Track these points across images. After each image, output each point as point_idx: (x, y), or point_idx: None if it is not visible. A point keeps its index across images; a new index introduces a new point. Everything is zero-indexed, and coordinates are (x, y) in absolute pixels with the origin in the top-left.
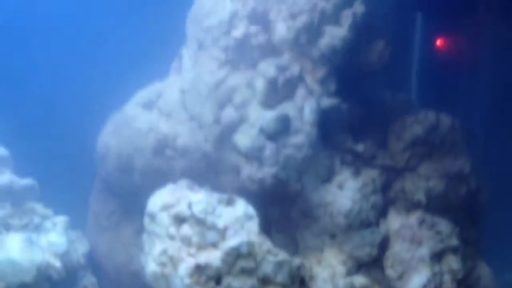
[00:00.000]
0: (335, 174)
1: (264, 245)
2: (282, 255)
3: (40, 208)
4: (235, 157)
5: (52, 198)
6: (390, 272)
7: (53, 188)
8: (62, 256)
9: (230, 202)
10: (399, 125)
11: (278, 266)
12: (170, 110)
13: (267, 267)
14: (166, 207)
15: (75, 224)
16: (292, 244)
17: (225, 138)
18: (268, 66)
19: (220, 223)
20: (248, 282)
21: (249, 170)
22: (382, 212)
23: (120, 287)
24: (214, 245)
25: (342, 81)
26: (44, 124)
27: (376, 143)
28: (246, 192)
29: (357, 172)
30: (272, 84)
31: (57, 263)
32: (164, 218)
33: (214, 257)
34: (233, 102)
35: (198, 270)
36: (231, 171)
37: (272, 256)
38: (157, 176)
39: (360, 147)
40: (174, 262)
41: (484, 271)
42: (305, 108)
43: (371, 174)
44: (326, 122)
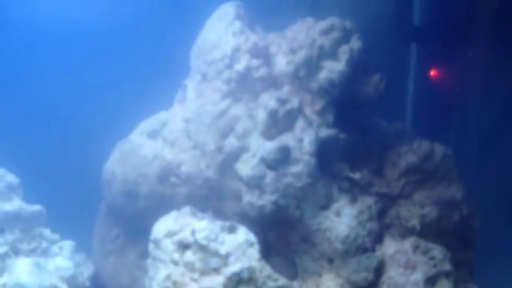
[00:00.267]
0: (333, 201)
1: (264, 270)
2: (282, 281)
3: (47, 233)
4: (237, 184)
5: (58, 222)
6: None
7: (59, 212)
8: (69, 279)
9: (232, 229)
10: (395, 153)
11: None
12: (174, 139)
13: None
14: (170, 234)
15: (80, 247)
16: (291, 267)
17: (227, 166)
18: (269, 99)
19: (222, 250)
20: None
21: (250, 197)
22: (378, 238)
23: None
24: (217, 270)
25: (340, 112)
26: (52, 152)
27: (372, 171)
28: (247, 217)
29: (354, 199)
30: (272, 115)
31: (64, 287)
32: (168, 245)
33: (216, 282)
34: (235, 132)
35: None
36: (233, 197)
37: (272, 281)
38: (161, 201)
39: (357, 175)
40: (177, 286)
41: None
42: (304, 139)
43: (368, 201)
44: (324, 152)
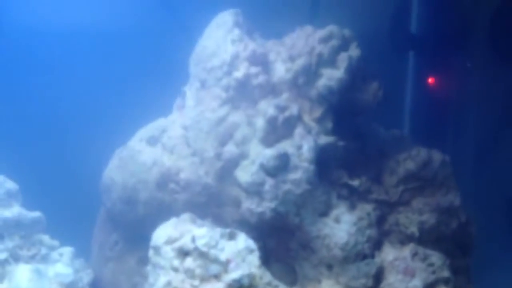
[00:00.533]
0: (332, 208)
1: (264, 277)
2: (282, 287)
3: (47, 239)
4: (236, 190)
5: (57, 228)
6: None
7: (58, 218)
8: (68, 285)
9: (232, 236)
10: (393, 160)
11: None
12: (173, 146)
13: None
14: (170, 241)
15: (79, 253)
16: (290, 274)
17: (226, 172)
18: (267, 106)
19: (222, 256)
20: None
21: (249, 204)
22: (377, 244)
23: None
24: (217, 277)
25: (338, 119)
26: (50, 159)
27: (370, 178)
28: (246, 223)
29: (353, 206)
30: (271, 123)
31: None
32: (168, 251)
33: None
34: (234, 139)
35: None
36: (232, 204)
37: None
38: (160, 208)
39: (355, 182)
40: None
41: None
42: (303, 146)
43: (367, 208)
44: (323, 159)
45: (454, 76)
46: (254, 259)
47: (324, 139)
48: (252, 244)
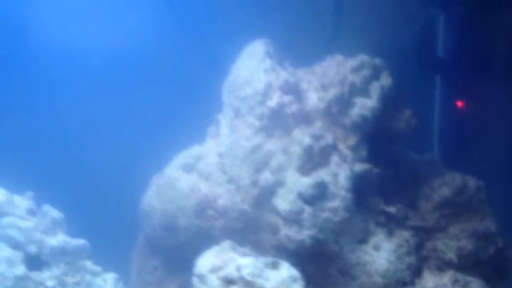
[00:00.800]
0: (370, 235)
1: None
2: None
3: (90, 265)
4: (273, 217)
5: (96, 253)
6: None
7: (97, 244)
8: None
9: (275, 265)
10: (427, 186)
11: None
12: (209, 173)
13: None
14: (214, 270)
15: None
16: None
17: (262, 199)
18: (303, 135)
19: (268, 285)
20: None
21: (287, 231)
22: (416, 271)
23: None
24: None
25: (372, 146)
26: (91, 188)
27: (406, 204)
28: (284, 250)
29: (391, 233)
30: (307, 151)
31: None
32: (213, 280)
33: None
34: (269, 166)
35: None
36: (269, 230)
37: None
38: (199, 233)
39: (392, 209)
40: None
41: None
42: (339, 174)
43: (405, 235)
44: (359, 186)
45: (483, 99)
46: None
47: (359, 167)
48: (295, 272)
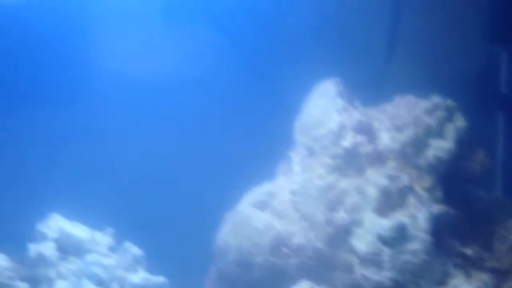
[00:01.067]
0: (449, 277)
1: None
2: None
3: None
4: (348, 256)
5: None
6: None
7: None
8: None
9: None
10: (501, 227)
11: None
12: (283, 210)
13: None
14: None
15: None
16: None
17: (336, 238)
18: (379, 175)
19: None
20: None
21: (364, 271)
22: None
23: None
24: None
25: (447, 187)
26: (165, 224)
27: (480, 246)
28: None
29: (468, 275)
30: (384, 192)
31: None
32: None
33: None
34: (344, 205)
35: None
36: (343, 269)
37: None
38: (273, 270)
39: (469, 251)
40: None
41: None
42: (418, 216)
43: (483, 277)
44: (437, 228)
45: None
46: None
47: (436, 208)
48: None
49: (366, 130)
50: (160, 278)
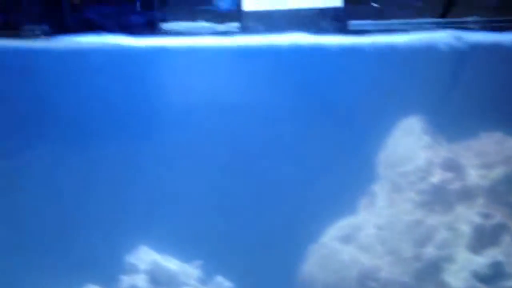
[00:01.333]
0: None
1: None
2: None
3: None
4: None
5: None
6: None
7: None
8: None
9: None
10: None
11: None
12: (368, 244)
13: None
14: None
15: None
16: None
17: (425, 273)
18: (470, 212)
19: None
20: None
21: None
22: None
23: None
24: None
25: None
26: (251, 258)
27: None
28: None
29: None
30: (477, 230)
31: None
32: None
33: None
34: (433, 241)
35: None
36: None
37: None
38: None
39: None
40: None
41: None
42: None
43: None
44: None
45: None
46: None
47: None
48: None
49: (453, 167)
50: None
